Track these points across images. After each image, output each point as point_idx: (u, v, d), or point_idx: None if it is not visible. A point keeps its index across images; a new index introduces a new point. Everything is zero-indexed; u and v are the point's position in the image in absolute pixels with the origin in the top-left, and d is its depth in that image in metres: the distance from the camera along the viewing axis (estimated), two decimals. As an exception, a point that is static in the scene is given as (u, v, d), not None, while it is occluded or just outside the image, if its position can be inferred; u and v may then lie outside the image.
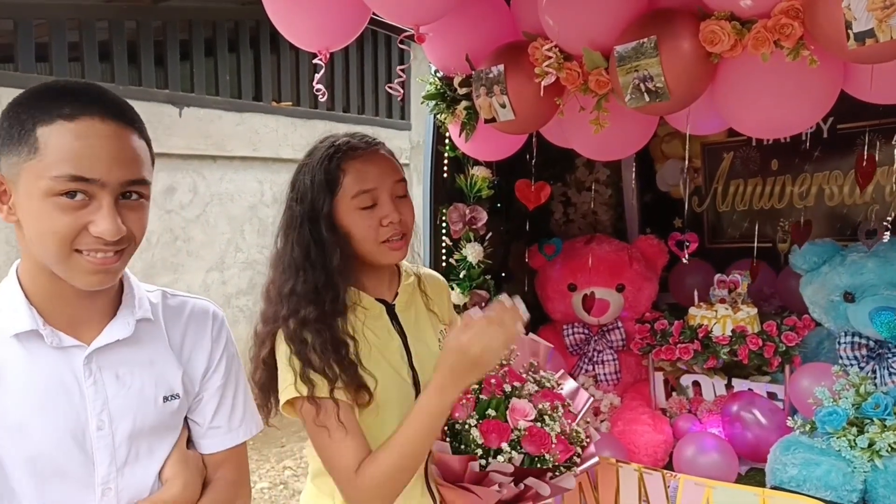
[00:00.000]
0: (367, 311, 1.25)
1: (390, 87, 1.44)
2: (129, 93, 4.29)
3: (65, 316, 0.95)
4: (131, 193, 0.93)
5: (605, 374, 2.37)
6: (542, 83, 1.38)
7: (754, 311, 2.14)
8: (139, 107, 0.99)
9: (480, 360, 1.07)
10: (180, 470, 1.03)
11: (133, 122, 0.96)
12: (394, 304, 1.30)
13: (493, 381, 1.29)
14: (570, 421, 1.32)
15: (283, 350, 1.18)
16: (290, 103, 5.87)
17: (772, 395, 2.05)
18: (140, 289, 1.06)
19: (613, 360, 2.38)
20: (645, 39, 1.29)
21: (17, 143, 0.87)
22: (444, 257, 2.13)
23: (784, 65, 1.23)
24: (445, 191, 2.12)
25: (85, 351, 0.95)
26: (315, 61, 1.43)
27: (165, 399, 1.02)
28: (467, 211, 2.07)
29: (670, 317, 2.21)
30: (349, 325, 1.20)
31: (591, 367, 2.40)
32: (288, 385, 1.15)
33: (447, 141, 2.04)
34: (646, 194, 2.78)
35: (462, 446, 1.21)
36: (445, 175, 2.11)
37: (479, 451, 1.19)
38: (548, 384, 1.40)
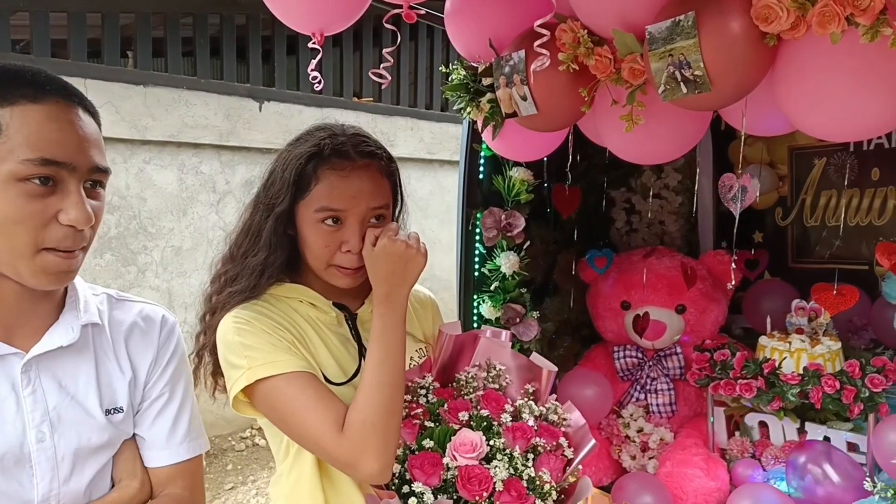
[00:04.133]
0: (322, 314, 1.15)
1: (374, 73, 1.29)
2: (210, 86, 4.42)
3: (1, 321, 0.89)
4: (94, 182, 0.88)
5: (658, 406, 2.11)
6: (532, 68, 1.18)
7: (837, 345, 1.81)
8: (220, 101, 0.96)
9: (407, 254, 1.06)
10: (137, 469, 0.97)
11: (93, 110, 0.92)
12: (356, 314, 1.19)
13: (447, 406, 1.09)
14: (546, 469, 1.07)
15: (226, 339, 1.08)
16: (371, 99, 5.87)
17: (852, 447, 1.72)
18: (85, 291, 0.99)
19: (669, 389, 2.11)
20: (681, 16, 1.06)
21: None
22: (476, 266, 1.96)
23: (860, 48, 0.96)
24: (481, 193, 1.95)
25: (23, 358, 0.89)
26: (310, 45, 1.30)
27: (108, 412, 0.95)
28: (503, 216, 1.89)
29: (733, 347, 1.92)
30: (287, 316, 1.11)
31: (643, 396, 2.14)
32: (242, 373, 1.04)
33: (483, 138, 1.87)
34: (722, 204, 2.46)
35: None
36: (481, 176, 1.94)
37: (405, 488, 1.00)
38: (552, 416, 1.16)
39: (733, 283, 1.63)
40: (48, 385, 0.90)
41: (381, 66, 1.21)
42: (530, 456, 1.06)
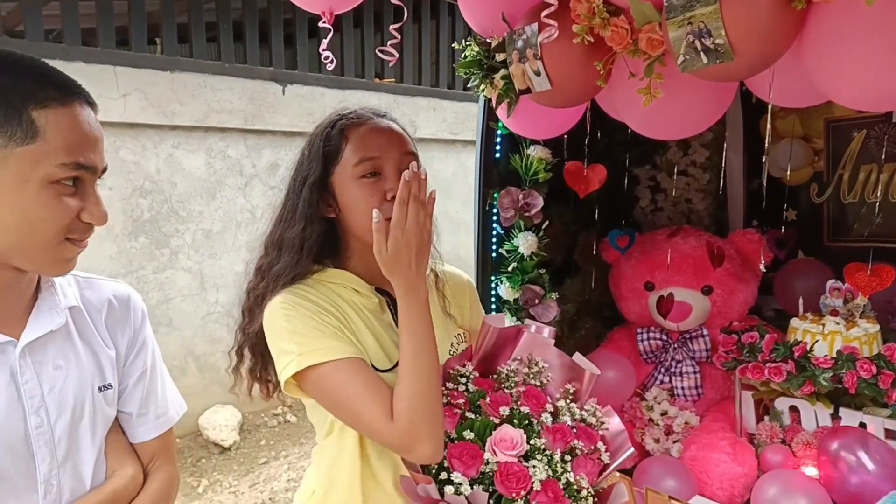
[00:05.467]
0: (365, 300, 1.15)
1: (381, 51, 1.25)
2: (234, 71, 4.42)
3: None
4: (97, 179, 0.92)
5: (682, 388, 2.05)
6: (539, 40, 1.12)
7: (875, 328, 1.73)
8: (244, 85, 0.94)
9: (415, 235, 0.99)
10: (127, 460, 1.02)
11: (95, 105, 0.93)
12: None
13: (489, 398, 1.07)
14: (584, 472, 1.05)
15: (274, 325, 1.08)
16: (393, 80, 5.82)
17: (891, 434, 1.65)
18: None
19: (694, 372, 2.06)
20: (701, -18, 1.00)
21: (4, 124, 0.82)
22: (493, 247, 1.92)
23: (897, 8, 0.89)
24: (498, 173, 1.90)
25: (17, 345, 0.91)
26: (321, 24, 1.28)
27: (101, 389, 0.99)
28: (521, 196, 1.84)
29: (762, 329, 1.85)
30: (332, 300, 1.10)
31: (667, 379, 2.09)
32: (292, 359, 1.04)
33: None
34: (753, 180, 2.37)
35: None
36: (498, 155, 1.89)
37: (443, 475, 0.99)
38: (591, 419, 1.14)
39: (764, 264, 1.54)
40: (41, 370, 0.93)
41: (388, 42, 1.18)
42: (568, 458, 1.04)
